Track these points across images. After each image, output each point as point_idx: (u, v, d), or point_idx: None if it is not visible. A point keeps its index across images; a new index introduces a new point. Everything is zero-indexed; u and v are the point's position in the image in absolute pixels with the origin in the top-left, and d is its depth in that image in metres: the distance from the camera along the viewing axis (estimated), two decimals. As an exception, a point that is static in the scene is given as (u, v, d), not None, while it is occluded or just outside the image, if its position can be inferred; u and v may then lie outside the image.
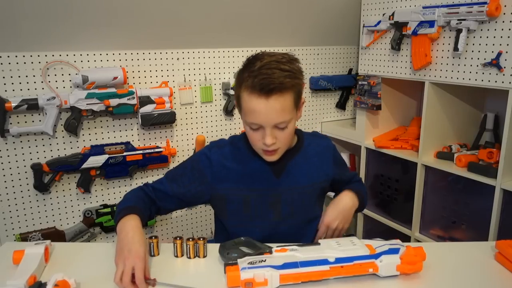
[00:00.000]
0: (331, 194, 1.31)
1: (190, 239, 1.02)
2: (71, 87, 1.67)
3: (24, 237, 1.66)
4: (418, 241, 1.84)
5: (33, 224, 1.71)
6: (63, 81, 1.66)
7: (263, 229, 1.15)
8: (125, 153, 1.77)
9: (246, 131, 1.10)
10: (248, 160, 1.16)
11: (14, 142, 1.62)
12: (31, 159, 1.65)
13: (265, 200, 1.15)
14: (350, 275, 0.91)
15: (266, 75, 0.99)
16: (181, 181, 1.15)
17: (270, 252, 0.94)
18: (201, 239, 1.03)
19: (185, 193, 1.15)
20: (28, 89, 1.60)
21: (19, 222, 1.68)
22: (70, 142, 1.72)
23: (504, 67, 1.45)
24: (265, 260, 0.90)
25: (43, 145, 1.67)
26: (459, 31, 1.55)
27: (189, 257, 1.03)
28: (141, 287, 0.89)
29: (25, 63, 1.58)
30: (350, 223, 1.22)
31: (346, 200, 1.22)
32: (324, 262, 0.90)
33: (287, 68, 1.02)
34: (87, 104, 1.64)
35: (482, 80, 1.52)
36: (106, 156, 1.72)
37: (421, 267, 0.93)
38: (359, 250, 0.93)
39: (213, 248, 1.03)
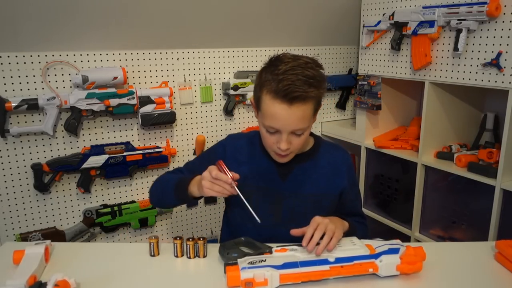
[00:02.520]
0: None
1: (190, 239, 1.03)
2: (71, 87, 1.67)
3: (24, 237, 1.66)
4: (418, 241, 1.84)
5: (33, 224, 1.71)
6: (63, 81, 1.66)
7: (260, 228, 1.11)
8: (125, 153, 1.77)
9: (262, 133, 1.10)
10: (258, 157, 1.17)
11: (14, 142, 1.62)
12: (31, 159, 1.65)
13: (266, 200, 1.15)
14: (350, 275, 0.92)
15: (290, 81, 0.97)
16: (199, 170, 1.11)
17: (270, 252, 0.94)
18: (201, 239, 1.03)
19: None
20: (28, 89, 1.60)
21: (19, 222, 1.68)
22: (70, 142, 1.72)
23: (504, 67, 1.45)
24: (265, 260, 0.90)
25: (43, 145, 1.67)
26: (459, 31, 1.55)
27: (189, 257, 1.03)
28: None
29: (25, 63, 1.58)
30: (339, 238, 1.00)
31: (337, 220, 1.08)
32: (324, 262, 0.90)
33: (311, 75, 1.00)
34: (87, 104, 1.64)
35: (482, 80, 1.52)
36: (106, 156, 1.72)
37: (421, 267, 0.93)
38: (359, 250, 0.93)
39: (213, 248, 1.03)
